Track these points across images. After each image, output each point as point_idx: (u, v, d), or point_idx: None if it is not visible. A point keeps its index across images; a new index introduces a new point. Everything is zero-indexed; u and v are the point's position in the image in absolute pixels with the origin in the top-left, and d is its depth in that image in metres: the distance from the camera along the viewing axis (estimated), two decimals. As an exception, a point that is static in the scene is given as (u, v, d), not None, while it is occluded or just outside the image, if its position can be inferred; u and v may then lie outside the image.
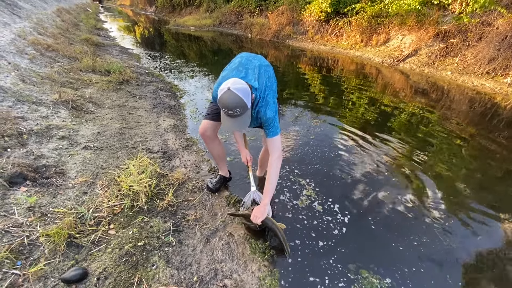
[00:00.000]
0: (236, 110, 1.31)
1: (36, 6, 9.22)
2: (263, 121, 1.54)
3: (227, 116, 1.38)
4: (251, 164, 1.94)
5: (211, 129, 1.76)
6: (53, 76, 3.58)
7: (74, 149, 2.27)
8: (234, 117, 1.36)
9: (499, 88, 4.92)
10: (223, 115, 1.40)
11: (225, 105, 1.31)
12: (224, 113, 1.38)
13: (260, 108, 1.53)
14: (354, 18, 7.95)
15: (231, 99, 1.29)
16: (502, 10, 5.29)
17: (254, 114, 1.56)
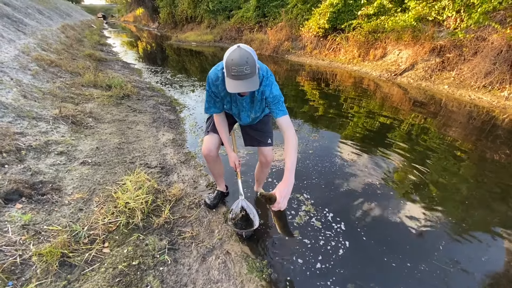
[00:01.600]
0: (246, 67, 1.23)
1: (41, 23, 9.49)
2: (270, 99, 1.46)
3: (235, 79, 1.27)
4: (240, 169, 1.82)
5: (215, 148, 1.75)
6: (55, 92, 3.63)
7: (72, 165, 2.27)
8: (243, 78, 1.26)
9: (496, 102, 4.96)
10: (229, 80, 1.28)
11: (234, 62, 1.22)
12: (232, 76, 1.26)
13: (265, 88, 1.47)
14: (351, 33, 8.14)
15: (242, 54, 1.23)
16: (496, 25, 5.41)
17: (258, 95, 1.53)
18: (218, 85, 1.50)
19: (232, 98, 1.57)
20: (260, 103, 1.58)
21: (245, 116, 1.68)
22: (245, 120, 1.73)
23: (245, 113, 1.66)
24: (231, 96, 1.55)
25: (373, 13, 7.74)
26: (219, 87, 1.50)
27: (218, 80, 1.48)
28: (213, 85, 1.51)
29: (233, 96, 1.56)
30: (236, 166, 1.75)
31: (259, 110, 1.64)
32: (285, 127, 1.43)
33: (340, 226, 1.95)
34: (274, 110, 1.47)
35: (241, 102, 1.58)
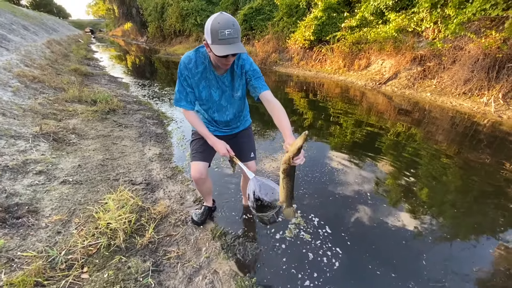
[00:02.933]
0: (234, 30, 1.17)
1: (26, 39, 9.35)
2: (251, 73, 1.42)
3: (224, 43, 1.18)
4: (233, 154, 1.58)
5: (205, 170, 1.66)
6: (36, 108, 3.53)
7: (51, 184, 2.18)
8: (232, 43, 1.19)
9: (476, 108, 5.13)
10: (217, 46, 1.18)
11: (222, 25, 1.15)
12: (219, 41, 1.17)
13: (244, 61, 1.43)
14: (336, 45, 8.37)
15: (227, 17, 1.17)
16: (471, 35, 5.68)
17: (238, 70, 1.44)
18: (191, 68, 1.38)
19: (210, 81, 1.44)
20: (240, 79, 1.47)
21: (227, 100, 1.53)
22: (228, 111, 1.58)
23: (227, 95, 1.51)
24: (208, 78, 1.43)
25: (355, 25, 8.01)
26: (192, 70, 1.39)
27: (191, 62, 1.38)
28: (186, 68, 1.39)
29: (210, 78, 1.43)
30: (229, 151, 1.53)
31: (239, 88, 1.50)
32: (271, 98, 1.39)
33: (331, 239, 1.92)
34: (257, 85, 1.42)
35: (223, 80, 1.45)
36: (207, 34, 1.20)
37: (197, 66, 1.39)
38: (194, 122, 1.52)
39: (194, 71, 1.39)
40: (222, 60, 1.26)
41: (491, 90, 5.17)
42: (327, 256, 1.77)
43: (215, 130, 1.69)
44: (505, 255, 1.86)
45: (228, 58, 1.25)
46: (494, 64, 5.17)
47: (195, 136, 1.71)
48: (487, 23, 5.55)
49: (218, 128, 1.70)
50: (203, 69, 1.40)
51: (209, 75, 1.42)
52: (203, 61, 1.39)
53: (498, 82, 5.13)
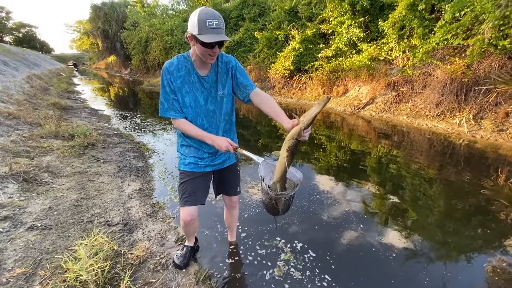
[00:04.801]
0: (220, 21, 1.19)
1: (5, 74, 9.20)
2: (238, 69, 1.43)
3: (211, 33, 1.18)
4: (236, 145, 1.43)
5: (196, 213, 1.57)
6: (8, 146, 3.34)
7: (16, 232, 1.98)
8: (220, 33, 1.20)
9: (451, 129, 5.40)
10: (204, 35, 1.18)
11: (209, 15, 1.17)
12: (207, 31, 1.18)
13: (229, 58, 1.43)
14: (315, 73, 8.78)
15: (211, 10, 1.20)
16: (438, 62, 6.14)
17: (223, 66, 1.41)
18: (172, 71, 1.34)
19: (194, 84, 1.38)
20: (226, 76, 1.43)
21: (213, 102, 1.43)
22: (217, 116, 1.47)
23: (213, 97, 1.42)
24: (191, 81, 1.37)
25: (331, 55, 8.51)
26: (174, 73, 1.34)
27: (173, 65, 1.34)
28: (168, 72, 1.34)
29: (194, 81, 1.37)
30: (232, 144, 1.38)
31: (225, 85, 1.44)
32: (260, 92, 1.43)
33: (322, 276, 1.82)
34: (246, 82, 1.43)
35: (207, 81, 1.40)
36: (192, 26, 1.20)
37: (179, 69, 1.35)
38: (187, 128, 1.41)
39: (176, 74, 1.34)
40: (209, 51, 1.24)
41: (462, 111, 5.49)
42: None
43: (206, 166, 1.56)
44: (495, 273, 1.82)
45: (215, 49, 1.24)
46: (461, 88, 5.56)
47: (184, 177, 1.55)
48: (450, 51, 6.06)
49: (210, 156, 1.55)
50: (186, 72, 1.36)
51: (192, 77, 1.37)
52: (185, 64, 1.36)
53: (467, 104, 5.48)
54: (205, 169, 1.56)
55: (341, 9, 7.83)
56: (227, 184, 1.74)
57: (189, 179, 1.54)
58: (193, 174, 1.54)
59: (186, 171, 1.54)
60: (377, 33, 7.71)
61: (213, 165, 1.58)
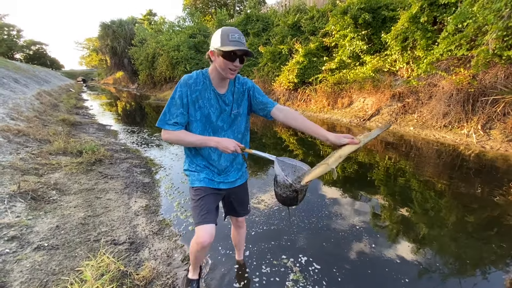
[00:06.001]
0: (242, 36, 1.27)
1: (16, 92, 9.46)
2: (256, 89, 1.48)
3: (234, 45, 1.23)
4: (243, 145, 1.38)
5: (214, 235, 1.43)
6: (17, 164, 3.39)
7: (23, 252, 1.97)
8: (241, 46, 1.24)
9: (459, 139, 5.31)
10: (227, 47, 1.22)
11: (232, 30, 1.25)
12: (230, 43, 1.23)
13: (246, 80, 1.49)
14: (319, 86, 8.84)
15: (233, 27, 1.29)
16: (442, 73, 6.13)
17: (239, 86, 1.46)
18: (191, 84, 1.34)
19: (209, 100, 1.38)
20: (242, 96, 1.46)
21: (225, 120, 1.43)
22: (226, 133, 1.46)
23: (225, 115, 1.43)
24: (206, 97, 1.37)
25: (335, 67, 8.58)
26: (192, 87, 1.34)
27: (192, 79, 1.35)
28: (185, 84, 1.33)
29: (210, 98, 1.37)
30: (239, 145, 1.34)
31: (240, 104, 1.46)
32: (284, 107, 1.47)
33: (332, 296, 1.76)
34: (266, 100, 1.47)
35: (223, 99, 1.41)
36: (215, 40, 1.25)
37: (197, 83, 1.35)
38: (184, 136, 1.35)
39: (194, 88, 1.34)
40: (230, 65, 1.26)
41: (469, 122, 5.42)
42: (331, 319, 1.59)
43: (220, 182, 1.52)
44: None
45: (236, 62, 1.26)
46: (468, 98, 5.51)
47: (199, 193, 1.45)
48: (455, 61, 6.05)
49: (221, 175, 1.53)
50: (203, 87, 1.36)
51: (208, 94, 1.37)
52: (203, 80, 1.37)
53: (474, 114, 5.41)
54: (219, 186, 1.52)
55: (343, 22, 7.96)
56: (239, 205, 1.71)
57: (206, 194, 1.46)
58: (208, 190, 1.48)
59: (201, 187, 1.46)
60: (380, 45, 7.78)
61: (227, 182, 1.55)
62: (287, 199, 1.36)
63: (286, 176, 1.32)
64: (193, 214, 1.48)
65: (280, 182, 1.33)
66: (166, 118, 1.34)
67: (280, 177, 1.32)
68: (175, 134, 1.34)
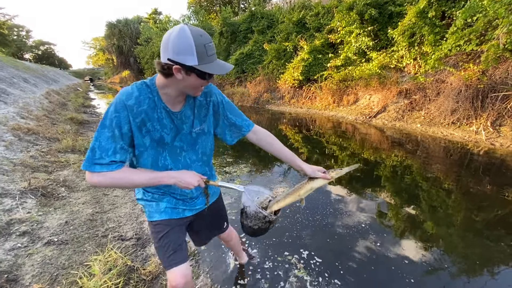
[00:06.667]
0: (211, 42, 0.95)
1: (25, 91, 9.65)
2: (226, 105, 1.19)
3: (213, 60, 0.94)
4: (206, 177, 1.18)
5: (191, 274, 1.22)
6: (27, 162, 3.47)
7: (34, 247, 2.03)
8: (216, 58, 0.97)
9: (467, 136, 5.22)
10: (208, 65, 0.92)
11: (206, 38, 0.91)
12: (209, 58, 0.92)
13: (210, 88, 1.16)
14: (324, 83, 8.78)
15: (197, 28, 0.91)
16: (451, 69, 6.02)
17: (202, 99, 1.13)
18: (131, 106, 0.97)
19: (160, 121, 1.04)
20: (206, 111, 1.16)
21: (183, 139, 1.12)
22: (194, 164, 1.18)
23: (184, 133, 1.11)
24: (156, 118, 1.03)
25: (340, 64, 8.50)
26: (134, 109, 0.97)
27: (131, 98, 0.97)
28: (124, 108, 0.96)
29: (161, 118, 1.04)
30: (202, 179, 1.13)
31: (205, 121, 1.16)
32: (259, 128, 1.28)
33: (339, 285, 1.76)
34: (241, 123, 1.22)
35: (180, 117, 1.08)
36: (186, 54, 0.88)
37: (140, 103, 0.98)
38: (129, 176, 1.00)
39: (137, 110, 0.98)
40: (204, 83, 0.99)
41: (478, 118, 5.31)
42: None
43: (184, 210, 1.23)
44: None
45: (210, 79, 1.01)
46: (477, 94, 5.40)
47: (161, 229, 1.18)
48: (463, 57, 5.93)
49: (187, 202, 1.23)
50: (149, 106, 1.00)
51: (159, 113, 1.03)
52: (149, 95, 1.01)
53: (484, 111, 5.30)
54: (184, 214, 1.23)
55: (349, 18, 7.87)
56: (214, 226, 1.46)
57: (170, 229, 1.18)
58: (172, 222, 1.19)
59: (163, 220, 1.17)
60: (386, 41, 7.67)
61: (194, 209, 1.27)
62: (258, 230, 1.29)
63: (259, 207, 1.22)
64: (158, 255, 1.22)
65: (251, 214, 1.24)
66: (95, 157, 0.95)
67: (251, 209, 1.23)
68: (112, 176, 0.96)
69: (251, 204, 1.23)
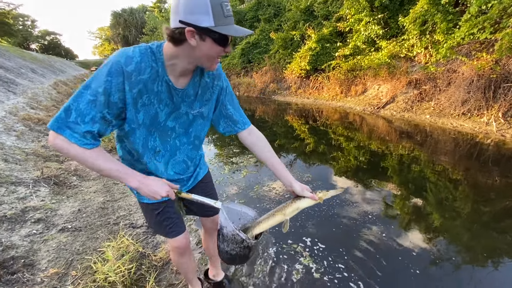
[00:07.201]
0: None
1: (34, 81, 9.77)
2: (228, 94, 1.10)
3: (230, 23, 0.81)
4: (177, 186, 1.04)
5: (188, 239, 1.25)
6: (39, 151, 3.55)
7: (49, 233, 2.11)
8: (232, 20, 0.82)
9: (478, 128, 5.12)
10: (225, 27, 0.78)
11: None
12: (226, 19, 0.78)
13: (219, 72, 1.05)
14: (332, 73, 8.64)
15: None
16: (463, 58, 5.84)
17: (209, 80, 1.02)
18: (130, 73, 0.82)
19: (158, 95, 0.91)
20: (210, 95, 1.05)
21: (177, 119, 1.01)
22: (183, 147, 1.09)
23: (180, 113, 1.00)
24: (155, 91, 0.90)
25: (349, 53, 8.33)
26: (132, 77, 0.83)
27: (132, 63, 0.83)
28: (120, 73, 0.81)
29: (160, 91, 0.91)
30: (173, 189, 0.99)
31: (206, 105, 1.05)
32: (256, 131, 1.16)
33: (343, 272, 1.80)
34: (237, 118, 1.11)
35: (181, 95, 0.96)
36: (200, 13, 0.75)
37: (140, 71, 0.84)
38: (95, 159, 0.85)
39: (135, 78, 0.84)
40: (221, 52, 0.85)
41: (490, 109, 5.19)
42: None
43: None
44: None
45: (228, 48, 0.87)
46: (489, 85, 5.26)
47: (154, 207, 1.13)
48: (477, 46, 5.74)
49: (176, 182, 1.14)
50: (151, 77, 0.87)
51: (158, 86, 0.90)
52: (153, 64, 0.87)
53: (496, 101, 5.17)
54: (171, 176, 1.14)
55: (358, 6, 7.66)
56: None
57: (163, 206, 1.14)
58: (164, 202, 1.13)
59: (154, 202, 1.11)
60: (397, 29, 7.47)
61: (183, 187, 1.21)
62: (236, 257, 1.12)
63: (236, 228, 1.06)
64: (156, 230, 1.22)
65: (228, 236, 1.09)
66: (69, 119, 0.79)
67: (228, 230, 1.08)
68: (77, 151, 0.82)
69: (228, 224, 1.07)
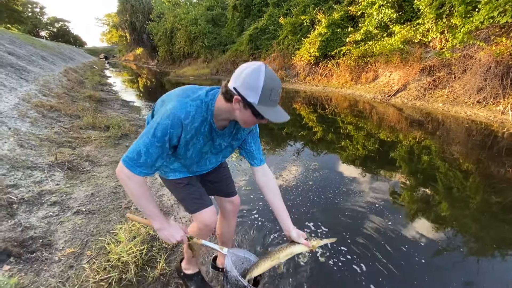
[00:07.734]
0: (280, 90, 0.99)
1: (45, 69, 9.90)
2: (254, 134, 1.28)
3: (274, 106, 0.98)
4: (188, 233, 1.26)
5: (216, 215, 1.33)
6: (52, 137, 3.65)
7: (64, 215, 2.20)
8: (277, 104, 1.00)
9: (493, 117, 4.96)
10: (267, 108, 0.95)
11: (277, 84, 0.94)
12: (270, 103, 0.95)
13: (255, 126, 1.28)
14: (342, 59, 8.43)
15: (272, 72, 0.95)
16: (481, 43, 5.59)
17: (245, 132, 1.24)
18: (187, 124, 1.01)
19: (205, 136, 1.11)
20: (241, 135, 1.24)
21: (211, 149, 1.22)
22: (210, 165, 1.33)
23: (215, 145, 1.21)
24: (202, 132, 1.09)
25: (360, 39, 8.07)
26: (188, 127, 1.02)
27: (189, 117, 1.01)
28: (179, 126, 1.00)
29: (206, 133, 1.10)
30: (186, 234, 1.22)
31: (237, 140, 1.26)
32: (268, 172, 1.31)
33: (348, 257, 1.83)
34: (257, 154, 1.29)
35: (221, 136, 1.17)
36: (251, 90, 0.92)
37: (193, 121, 1.03)
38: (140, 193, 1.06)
39: (190, 127, 1.03)
40: (256, 121, 1.02)
41: (507, 98, 5.00)
42: (347, 277, 1.67)
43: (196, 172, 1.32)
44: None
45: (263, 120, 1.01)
46: (507, 71, 5.04)
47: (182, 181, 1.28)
48: (496, 30, 5.47)
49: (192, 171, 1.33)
50: (201, 123, 1.06)
51: (205, 128, 1.08)
52: (204, 114, 1.05)
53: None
54: (195, 174, 1.34)
55: (371, -12, 7.35)
56: (222, 182, 1.47)
57: (189, 180, 1.29)
58: (189, 177, 1.30)
59: (181, 178, 1.27)
60: (411, 13, 7.16)
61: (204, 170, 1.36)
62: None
63: (239, 276, 1.18)
64: (184, 204, 1.34)
65: (231, 280, 1.21)
66: (140, 160, 0.99)
67: (232, 275, 1.19)
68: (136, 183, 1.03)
69: (232, 270, 1.20)
